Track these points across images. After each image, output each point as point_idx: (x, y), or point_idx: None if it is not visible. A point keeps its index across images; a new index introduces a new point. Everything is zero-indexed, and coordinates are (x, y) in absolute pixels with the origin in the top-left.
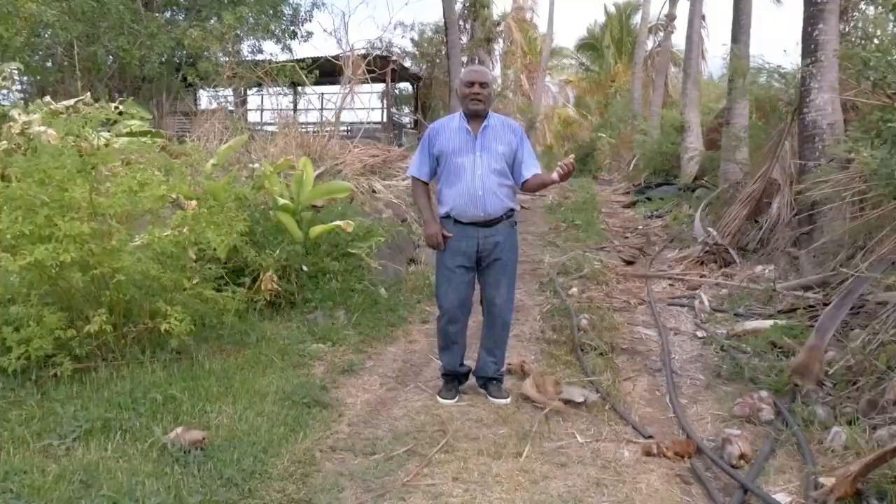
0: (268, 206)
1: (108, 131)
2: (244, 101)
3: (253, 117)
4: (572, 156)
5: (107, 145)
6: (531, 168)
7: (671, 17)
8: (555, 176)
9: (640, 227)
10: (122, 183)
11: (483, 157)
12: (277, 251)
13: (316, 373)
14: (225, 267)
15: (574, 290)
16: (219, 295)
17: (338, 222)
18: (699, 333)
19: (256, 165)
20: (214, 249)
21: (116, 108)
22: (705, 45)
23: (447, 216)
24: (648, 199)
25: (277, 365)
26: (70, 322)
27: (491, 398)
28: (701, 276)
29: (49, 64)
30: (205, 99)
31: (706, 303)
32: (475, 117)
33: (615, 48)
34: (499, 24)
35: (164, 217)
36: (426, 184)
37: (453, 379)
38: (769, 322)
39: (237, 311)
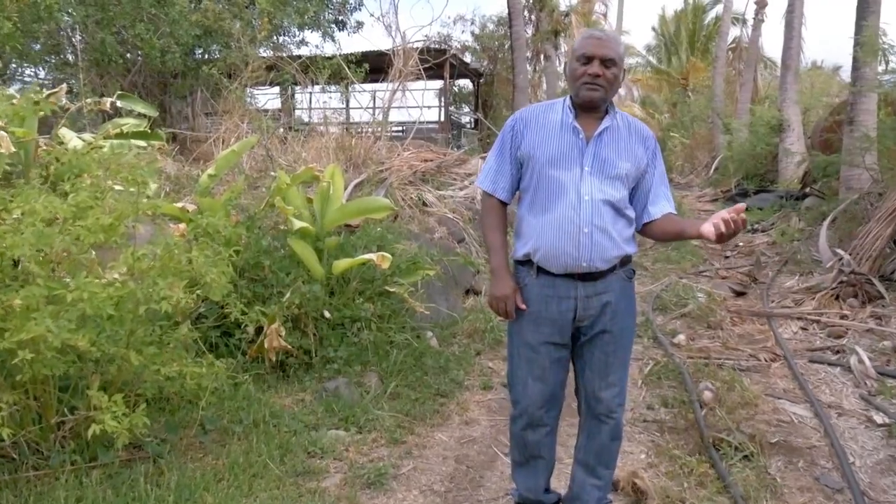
0: (288, 228)
1: (93, 132)
2: (291, 99)
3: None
4: (743, 204)
5: (91, 149)
6: (661, 202)
7: (762, 3)
8: (708, 230)
9: (741, 243)
10: (38, 211)
11: (594, 176)
12: (287, 294)
13: (328, 487)
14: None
15: (681, 336)
16: (191, 369)
17: (370, 255)
18: (876, 417)
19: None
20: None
21: (112, 103)
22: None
23: (527, 260)
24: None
25: (273, 473)
26: None
27: None
28: (842, 317)
29: (56, 55)
30: (261, 98)
31: (867, 362)
32: (589, 109)
33: (688, 43)
34: (567, 14)
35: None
36: (503, 203)
37: None
38: None
39: (231, 379)
